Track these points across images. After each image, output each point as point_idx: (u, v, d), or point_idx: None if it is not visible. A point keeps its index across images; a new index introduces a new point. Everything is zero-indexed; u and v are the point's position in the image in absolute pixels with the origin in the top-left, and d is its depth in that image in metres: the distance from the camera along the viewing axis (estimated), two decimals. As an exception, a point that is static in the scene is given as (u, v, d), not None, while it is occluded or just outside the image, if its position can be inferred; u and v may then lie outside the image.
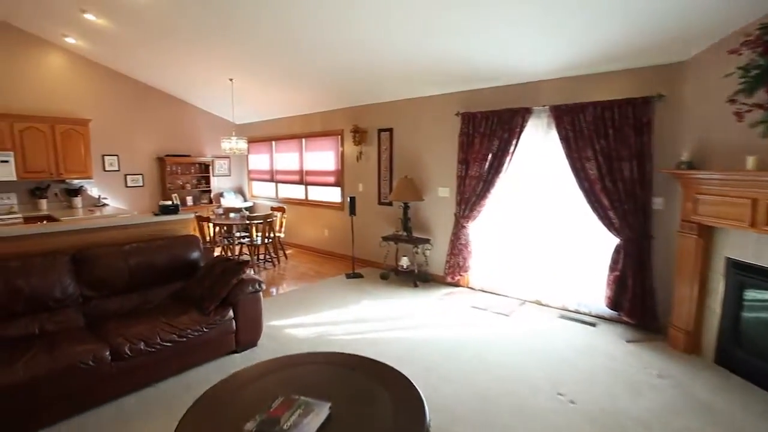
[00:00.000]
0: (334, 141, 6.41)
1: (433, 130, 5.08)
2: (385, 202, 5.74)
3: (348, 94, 5.63)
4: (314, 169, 6.81)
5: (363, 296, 4.71)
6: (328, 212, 6.69)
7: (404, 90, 5.11)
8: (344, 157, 6.28)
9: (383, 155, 5.71)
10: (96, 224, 3.35)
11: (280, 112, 7.10)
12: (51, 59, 5.86)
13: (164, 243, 3.50)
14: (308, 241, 7.12)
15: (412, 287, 5.00)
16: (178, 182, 7.30)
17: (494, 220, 4.65)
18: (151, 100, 6.91)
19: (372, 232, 5.96)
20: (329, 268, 5.98)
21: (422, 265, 5.27)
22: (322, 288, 5.03)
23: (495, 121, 4.32)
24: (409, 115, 5.34)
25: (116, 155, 6.59)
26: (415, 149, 5.33)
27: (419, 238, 5.19)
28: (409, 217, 5.17)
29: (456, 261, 4.78)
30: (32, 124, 5.58)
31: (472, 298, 4.58)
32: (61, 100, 5.99)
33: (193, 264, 3.60)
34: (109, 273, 3.14)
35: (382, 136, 5.69)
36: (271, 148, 7.57)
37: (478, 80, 4.41)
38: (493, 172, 4.36)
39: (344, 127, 6.19)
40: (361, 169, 6.05)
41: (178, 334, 2.86)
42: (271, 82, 5.68)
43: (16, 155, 5.47)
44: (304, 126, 6.88)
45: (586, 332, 3.69)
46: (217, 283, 3.23)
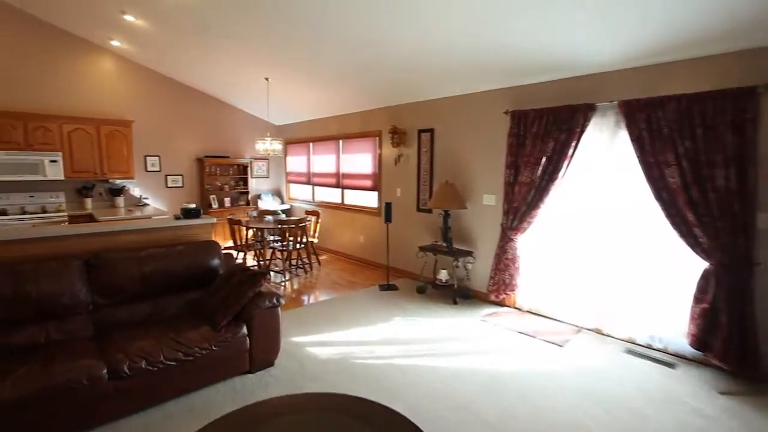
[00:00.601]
0: (371, 143, 6.07)
1: (478, 130, 4.57)
2: (425, 209, 5.30)
3: (387, 92, 5.26)
4: (351, 172, 6.50)
5: (395, 312, 4.29)
6: (364, 217, 6.35)
7: (446, 87, 4.65)
8: (382, 159, 5.91)
9: (423, 158, 5.27)
10: (114, 227, 3.20)
11: (317, 113, 6.87)
12: (98, 62, 6.01)
13: (183, 249, 3.30)
14: (343, 247, 6.81)
15: (450, 304, 4.51)
16: (216, 183, 7.29)
17: (547, 233, 4.06)
18: (192, 101, 6.94)
19: (409, 241, 5.54)
20: (362, 278, 5.62)
21: (463, 280, 4.76)
22: (353, 300, 4.67)
23: (550, 119, 3.75)
24: (451, 114, 4.87)
25: (158, 156, 6.67)
26: (457, 152, 4.84)
27: (460, 250, 4.69)
28: (450, 227, 4.69)
29: (501, 278, 4.23)
30: (80, 126, 5.72)
31: (518, 321, 4.01)
32: (106, 102, 6.12)
33: (211, 272, 3.36)
34: (122, 280, 2.96)
35: (423, 138, 5.26)
36: (309, 150, 7.37)
37: (530, 73, 3.86)
38: (547, 179, 3.79)
39: (382, 127, 5.82)
40: (400, 172, 5.65)
41: (183, 352, 2.60)
42: (307, 81, 5.43)
43: (64, 155, 5.63)
44: (341, 127, 6.60)
45: (662, 374, 3.03)
46: (231, 296, 2.96)
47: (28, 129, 5.38)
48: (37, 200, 5.68)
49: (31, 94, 5.55)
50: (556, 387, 2.86)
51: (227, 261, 3.61)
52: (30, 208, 5.61)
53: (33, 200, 5.66)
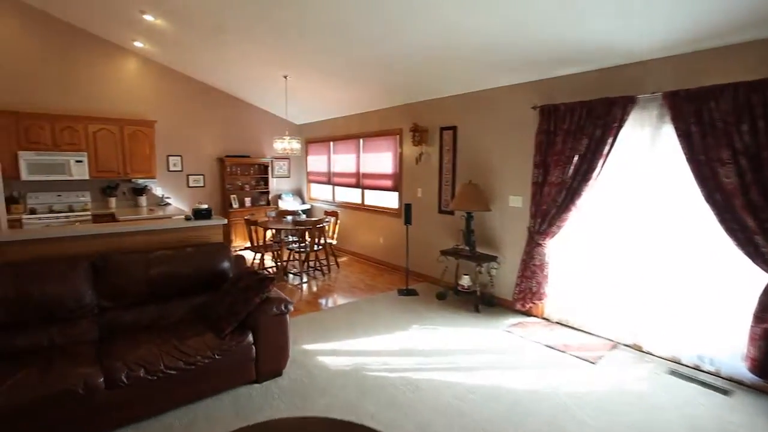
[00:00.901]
0: (392, 141, 5.85)
1: (504, 127, 4.27)
2: (446, 210, 5.04)
3: (407, 89, 5.03)
4: (371, 172, 6.31)
5: (414, 320, 4.06)
6: (384, 219, 6.15)
7: (470, 82, 4.38)
8: (402, 159, 5.69)
9: (445, 157, 5.02)
10: (122, 229, 3.13)
11: (337, 111, 6.72)
12: (122, 64, 6.08)
13: (192, 251, 3.19)
14: (363, 248, 6.64)
15: (472, 312, 4.24)
16: (237, 183, 7.27)
17: (580, 238, 3.73)
18: (213, 100, 6.94)
19: (430, 244, 5.29)
20: (382, 281, 5.42)
21: (486, 286, 4.48)
22: (370, 306, 4.47)
23: (584, 114, 3.42)
24: (475, 110, 4.59)
25: (180, 156, 6.71)
26: (481, 150, 4.55)
27: (484, 255, 4.41)
28: (473, 230, 4.41)
29: (528, 285, 3.92)
30: (104, 126, 5.80)
31: (546, 334, 3.70)
32: (130, 103, 6.19)
33: (221, 275, 3.25)
34: (129, 282, 2.88)
35: (445, 136, 5.00)
36: (329, 149, 7.24)
37: (560, 64, 3.54)
38: (579, 179, 3.46)
39: (403, 125, 5.60)
40: (421, 172, 5.41)
41: (185, 361, 2.47)
42: (326, 78, 5.28)
43: (89, 155, 5.72)
44: (362, 125, 6.42)
45: (713, 402, 2.67)
46: (237, 302, 2.82)
47: (56, 130, 5.49)
48: (64, 199, 5.80)
49: (59, 95, 5.67)
50: (587, 411, 2.56)
51: (238, 264, 3.49)
52: (57, 207, 5.73)
53: (61, 199, 5.78)
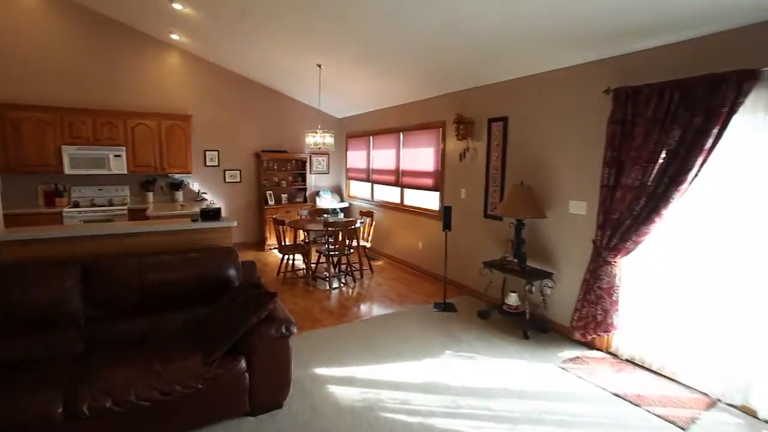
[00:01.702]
0: (434, 135, 5.24)
1: (565, 117, 3.52)
2: (494, 215, 4.35)
3: (452, 75, 4.40)
4: (411, 169, 5.74)
5: (448, 343, 3.46)
6: (423, 221, 5.56)
7: (524, 63, 3.65)
8: (445, 155, 5.06)
9: (493, 153, 4.33)
10: (121, 230, 2.86)
11: (375, 103, 6.22)
12: (160, 57, 6.01)
13: (194, 257, 2.85)
14: (400, 252, 6.10)
15: (519, 338, 3.55)
16: (273, 179, 7.04)
17: (664, 257, 2.91)
18: (250, 93, 6.74)
19: (474, 253, 4.64)
20: (417, 291, 4.85)
21: (538, 307, 3.77)
22: (400, 321, 3.93)
23: (676, 98, 2.61)
24: (529, 98, 3.86)
25: (216, 150, 6.58)
26: (536, 145, 3.82)
27: (536, 270, 3.69)
28: (524, 240, 3.71)
29: (591, 312, 3.17)
30: (142, 121, 5.77)
31: (613, 376, 2.94)
32: (167, 97, 6.13)
33: (225, 285, 2.88)
34: (120, 290, 2.59)
35: (493, 128, 4.31)
36: (368, 144, 6.77)
37: (645, 33, 2.74)
38: (667, 182, 2.66)
39: (446, 117, 4.97)
40: (465, 170, 4.75)
41: (161, 391, 2.10)
42: (362, 67, 4.79)
43: (127, 150, 5.72)
44: (402, 118, 5.86)
45: None
46: (230, 321, 2.42)
47: (96, 124, 5.52)
48: (105, 193, 5.86)
49: (100, 91, 5.70)
50: (677, 506, 1.84)
51: (247, 271, 3.11)
52: (98, 201, 5.80)
53: (101, 193, 5.84)
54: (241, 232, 6.94)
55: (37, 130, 5.21)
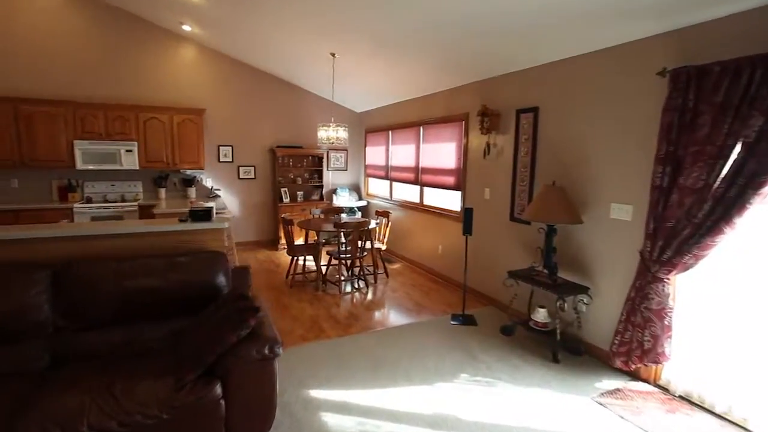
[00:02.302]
0: (456, 129, 4.79)
1: (607, 105, 3.00)
2: (521, 218, 3.87)
3: (477, 62, 3.93)
4: (431, 166, 5.31)
5: (465, 363, 3.04)
6: (443, 223, 5.12)
7: (558, 45, 3.15)
8: (468, 150, 4.60)
9: (522, 148, 3.84)
10: (99, 230, 2.60)
11: (395, 95, 5.81)
12: (173, 50, 5.84)
13: (179, 261, 2.56)
14: (419, 256, 5.68)
15: (548, 361, 3.08)
16: (289, 176, 6.78)
17: (733, 273, 2.38)
18: (264, 86, 6.48)
19: (498, 260, 4.17)
20: (435, 300, 4.43)
21: (571, 325, 3.28)
22: (413, 335, 3.54)
23: (758, 77, 2.07)
24: (564, 84, 3.35)
25: (230, 146, 6.37)
26: (571, 139, 3.31)
27: (569, 284, 3.20)
28: (555, 248, 3.23)
29: (637, 337, 2.66)
30: (154, 115, 5.62)
31: (665, 418, 2.43)
32: (180, 91, 5.96)
33: (213, 293, 2.57)
34: (93, 297, 2.32)
35: (522, 121, 3.82)
36: (388, 140, 6.37)
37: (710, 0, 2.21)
38: (743, 182, 2.12)
39: (470, 109, 4.51)
40: (490, 167, 4.28)
41: (119, 421, 1.80)
42: (378, 53, 4.40)
43: (139, 145, 5.58)
44: (422, 111, 5.43)
45: None
46: (208, 337, 2.10)
47: (108, 119, 5.41)
48: (117, 189, 5.76)
49: (112, 85, 5.59)
50: None
51: (239, 278, 2.80)
52: (111, 197, 5.70)
53: (114, 189, 5.74)
54: (255, 230, 6.72)
55: (49, 124, 5.14)
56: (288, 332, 3.57)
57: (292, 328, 3.67)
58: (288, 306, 4.18)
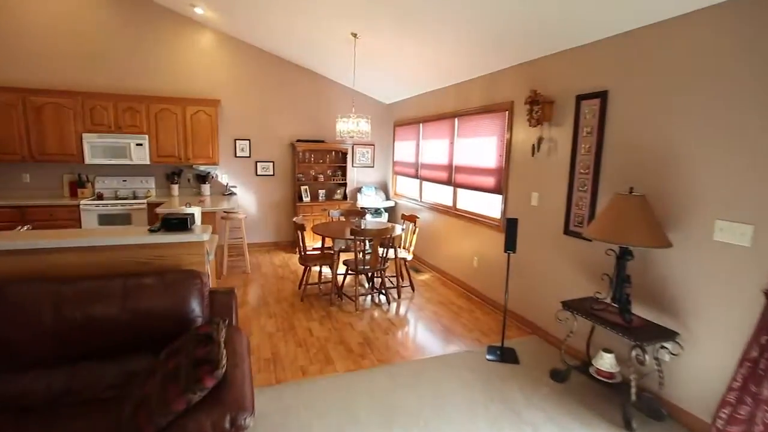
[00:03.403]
0: (497, 121, 4.04)
1: (717, 84, 2.17)
2: (580, 233, 3.09)
3: (525, 37, 3.17)
4: (467, 165, 4.58)
5: (503, 424, 2.35)
6: (480, 231, 4.39)
7: (639, 8, 2.34)
8: (512, 147, 3.84)
9: (582, 145, 3.05)
10: (36, 244, 2.10)
11: (426, 83, 5.10)
12: (185, 35, 5.43)
13: (142, 284, 2.04)
14: (450, 266, 4.98)
15: (617, 427, 2.33)
16: (310, 172, 6.25)
17: None
18: (284, 75, 5.96)
19: (547, 281, 3.41)
20: (467, 324, 3.74)
21: (648, 378, 2.49)
22: (439, 372, 2.87)
23: None
24: (648, 59, 2.54)
25: (248, 140, 5.91)
26: (656, 132, 2.50)
27: (650, 327, 2.41)
28: (629, 276, 2.45)
29: (764, 417, 1.86)
30: (165, 106, 5.24)
31: None
32: (193, 80, 5.55)
33: (181, 325, 2.04)
34: (27, 329, 1.84)
35: (584, 109, 3.03)
36: (418, 134, 5.68)
37: None
38: None
39: (515, 96, 3.74)
40: (539, 168, 3.51)
41: None
42: (406, 33, 3.73)
43: (150, 138, 5.22)
44: (458, 100, 4.70)
45: None
46: (147, 401, 1.54)
47: (118, 110, 5.07)
48: (129, 185, 5.44)
49: (121, 74, 5.25)
50: None
51: (218, 306, 2.25)
52: (122, 193, 5.40)
53: (125, 185, 5.43)
54: (273, 231, 6.26)
55: (58, 116, 4.85)
56: (289, 361, 3.01)
57: (294, 355, 3.11)
58: (295, 325, 3.62)
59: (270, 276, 4.97)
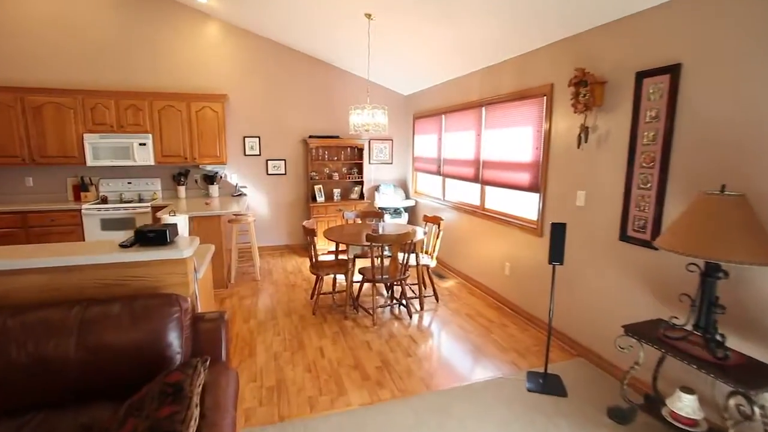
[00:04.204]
0: (533, 108, 3.51)
1: None
2: (642, 239, 2.55)
3: (565, 9, 2.64)
4: (495, 159, 4.06)
5: (555, 484, 1.87)
6: (512, 234, 3.88)
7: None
8: (551, 137, 3.32)
9: (645, 133, 2.51)
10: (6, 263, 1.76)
11: (449, 69, 4.59)
12: (189, 27, 5.09)
13: (106, 313, 1.67)
14: (478, 272, 4.48)
15: (705, 493, 1.81)
16: (324, 170, 5.85)
17: None
18: (294, 67, 5.56)
19: (597, 294, 2.89)
20: (500, 342, 3.25)
21: (749, 426, 1.95)
22: (469, 410, 2.41)
23: None
24: (736, 19, 1.98)
25: (257, 137, 5.55)
26: (755, 114, 1.95)
27: (756, 366, 1.88)
28: (718, 298, 1.92)
29: None
30: (170, 103, 4.92)
31: None
32: (199, 74, 5.22)
33: (154, 365, 1.65)
34: (-38, 376, 1.48)
35: (647, 89, 2.48)
36: (440, 126, 5.18)
37: None
38: None
39: (555, 78, 3.21)
40: (587, 161, 2.98)
41: None
42: (426, 10, 3.24)
43: (154, 137, 4.92)
44: (485, 87, 4.18)
45: None
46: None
47: (120, 108, 4.78)
48: (134, 187, 5.17)
49: (122, 69, 4.96)
50: None
51: (202, 338, 1.86)
52: (127, 196, 5.13)
53: (131, 187, 5.16)
54: (286, 233, 5.90)
55: (57, 116, 4.60)
56: (296, 390, 2.60)
57: (302, 382, 2.70)
58: (305, 344, 3.22)
59: (281, 284, 4.60)
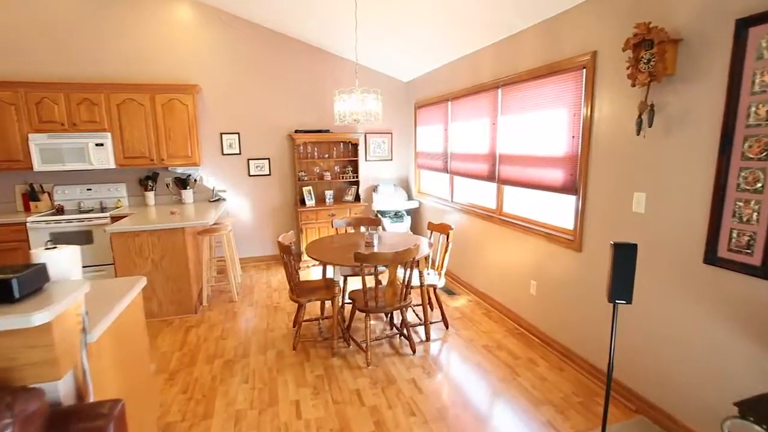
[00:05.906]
0: (569, 85, 2.73)
1: None
2: (744, 262, 1.78)
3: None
4: (516, 153, 3.29)
5: None
6: (540, 246, 3.12)
7: None
8: (592, 122, 2.54)
9: (754, 108, 1.73)
10: None
11: (455, 47, 3.81)
12: (150, 4, 4.36)
13: None
14: (496, 290, 3.73)
15: None
16: (314, 169, 5.13)
17: None
18: (278, 51, 4.83)
19: (671, 337, 2.13)
20: (529, 388, 2.51)
21: None
22: None
23: None
24: None
25: (237, 133, 4.84)
26: None
27: None
28: None
29: None
30: (131, 96, 4.22)
31: None
32: (162, 61, 4.52)
33: None
34: None
35: (755, 43, 1.70)
36: (446, 114, 4.42)
37: None
38: None
39: (600, 44, 2.43)
40: (649, 153, 2.20)
41: None
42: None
43: (113, 136, 4.23)
44: (500, 63, 3.40)
45: None
46: None
47: (71, 103, 4.09)
48: (95, 194, 4.50)
49: (73, 57, 4.26)
50: None
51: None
52: (87, 204, 4.46)
53: (91, 195, 4.48)
54: (272, 242, 5.20)
55: (-3, 113, 3.93)
56: (256, 477, 1.89)
57: (267, 462, 1.99)
58: (277, 397, 2.50)
59: (261, 305, 3.90)
